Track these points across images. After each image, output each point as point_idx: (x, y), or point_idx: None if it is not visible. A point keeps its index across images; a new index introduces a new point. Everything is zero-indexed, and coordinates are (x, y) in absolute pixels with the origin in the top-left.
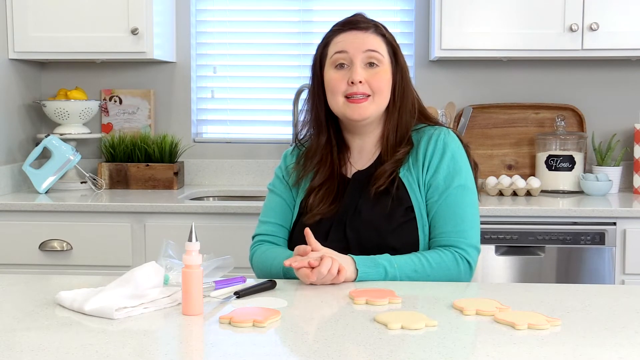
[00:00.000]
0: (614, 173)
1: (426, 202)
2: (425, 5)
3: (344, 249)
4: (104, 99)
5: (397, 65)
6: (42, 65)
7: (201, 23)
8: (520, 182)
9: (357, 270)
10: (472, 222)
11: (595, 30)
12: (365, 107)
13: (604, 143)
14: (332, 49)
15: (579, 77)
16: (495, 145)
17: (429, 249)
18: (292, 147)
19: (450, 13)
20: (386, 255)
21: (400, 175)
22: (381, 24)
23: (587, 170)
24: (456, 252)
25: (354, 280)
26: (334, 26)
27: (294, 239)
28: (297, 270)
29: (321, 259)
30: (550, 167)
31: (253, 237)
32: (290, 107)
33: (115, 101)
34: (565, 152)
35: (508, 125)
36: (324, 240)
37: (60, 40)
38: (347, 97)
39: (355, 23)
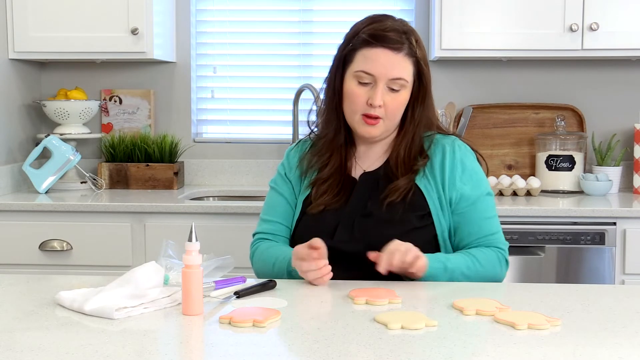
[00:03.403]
0: (614, 173)
1: (453, 212)
2: (425, 5)
3: (350, 252)
4: (104, 99)
5: (420, 84)
6: (42, 65)
7: (201, 23)
8: (520, 182)
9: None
10: (499, 226)
11: (595, 30)
12: (376, 128)
13: (604, 143)
14: (358, 61)
15: (579, 77)
16: (495, 145)
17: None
18: (294, 145)
19: (450, 13)
20: (440, 253)
21: (416, 181)
22: (414, 38)
23: (587, 170)
24: (498, 251)
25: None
26: (365, 32)
27: (297, 235)
28: (306, 273)
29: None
30: (550, 167)
31: (253, 235)
32: (290, 107)
33: (115, 101)
34: (565, 152)
35: (508, 125)
36: (330, 239)
37: (60, 40)
38: (363, 114)
39: (389, 40)
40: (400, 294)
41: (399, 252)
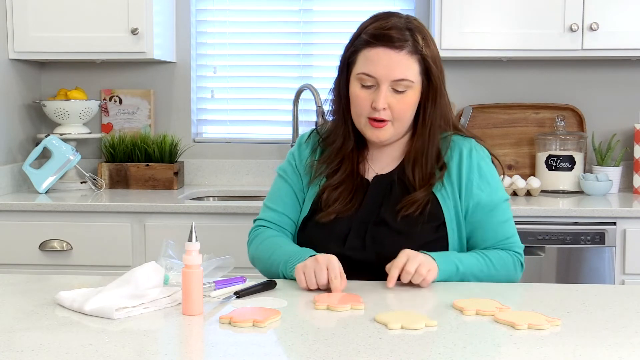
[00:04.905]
0: (614, 173)
1: (468, 220)
2: (425, 5)
3: (361, 260)
4: (104, 99)
5: (429, 83)
6: (42, 65)
7: (201, 23)
8: (520, 182)
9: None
10: (515, 229)
11: (595, 30)
12: (384, 131)
13: (604, 143)
14: (360, 62)
15: (579, 77)
16: (495, 145)
17: None
18: (308, 134)
19: (450, 13)
20: (453, 253)
21: (434, 189)
22: (420, 35)
23: (587, 170)
24: (515, 255)
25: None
26: (367, 31)
27: (306, 238)
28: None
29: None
30: (550, 167)
31: (255, 221)
32: (290, 107)
33: (115, 101)
34: (565, 152)
35: (508, 125)
36: (342, 247)
37: (60, 40)
38: (369, 118)
39: (389, 39)
40: (400, 294)
41: (406, 274)
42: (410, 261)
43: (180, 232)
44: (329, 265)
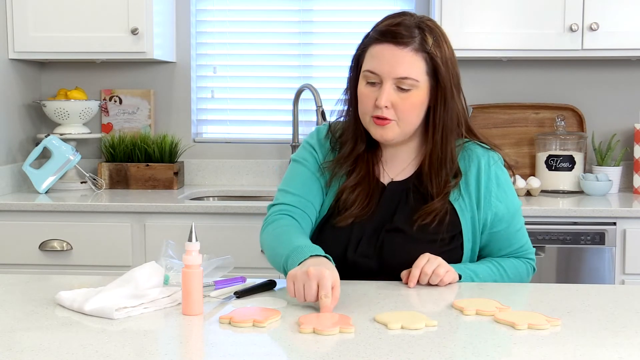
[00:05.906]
0: (614, 173)
1: (486, 232)
2: (425, 5)
3: (372, 267)
4: (104, 99)
5: (437, 83)
6: (42, 65)
7: (201, 23)
8: (520, 182)
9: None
10: (527, 234)
11: (595, 30)
12: (389, 130)
13: (604, 143)
14: (367, 59)
15: (579, 77)
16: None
17: None
18: (326, 130)
19: (450, 13)
20: (467, 265)
21: (451, 199)
22: (430, 34)
23: (587, 170)
24: (528, 262)
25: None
26: (378, 27)
27: (322, 240)
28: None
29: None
30: (550, 167)
31: (270, 207)
32: (290, 107)
33: (115, 101)
34: (565, 152)
35: (508, 125)
36: (353, 253)
37: (60, 40)
38: (373, 116)
39: (395, 35)
40: (401, 293)
41: (424, 275)
42: (429, 263)
43: (180, 232)
44: (320, 281)
